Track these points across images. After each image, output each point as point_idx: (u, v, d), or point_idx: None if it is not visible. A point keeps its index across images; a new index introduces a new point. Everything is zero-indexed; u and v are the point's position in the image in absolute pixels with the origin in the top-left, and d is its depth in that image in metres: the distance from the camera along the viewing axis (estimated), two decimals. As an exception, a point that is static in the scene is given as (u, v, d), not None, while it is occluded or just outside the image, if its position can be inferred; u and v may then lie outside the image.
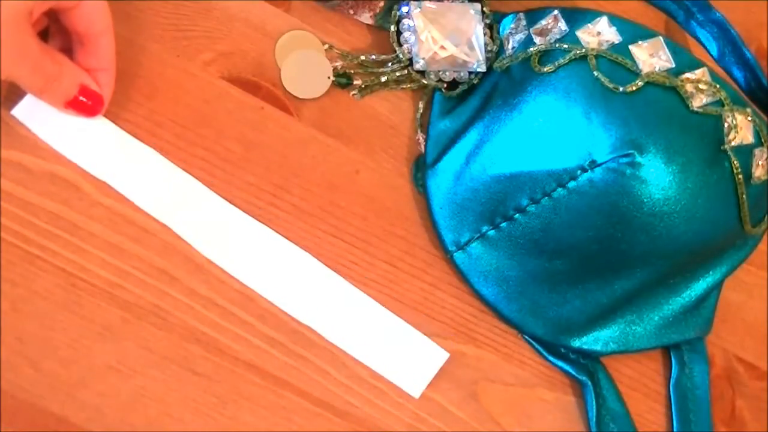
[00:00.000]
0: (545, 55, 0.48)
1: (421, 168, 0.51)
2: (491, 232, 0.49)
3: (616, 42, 0.47)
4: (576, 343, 0.50)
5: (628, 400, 0.51)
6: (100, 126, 0.45)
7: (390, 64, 0.51)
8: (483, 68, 0.52)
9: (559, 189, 0.46)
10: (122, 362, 0.42)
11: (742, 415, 0.54)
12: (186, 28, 0.49)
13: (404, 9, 0.51)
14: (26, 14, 0.39)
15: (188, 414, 0.43)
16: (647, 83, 0.45)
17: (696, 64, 0.47)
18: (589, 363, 0.50)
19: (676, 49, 0.47)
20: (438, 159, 0.50)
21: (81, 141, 0.44)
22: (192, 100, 0.48)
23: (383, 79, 0.51)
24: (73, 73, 0.42)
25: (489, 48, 0.52)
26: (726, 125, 0.46)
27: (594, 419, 0.49)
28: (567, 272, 0.48)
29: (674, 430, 0.52)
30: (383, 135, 0.51)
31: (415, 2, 0.51)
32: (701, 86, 0.46)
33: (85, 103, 0.43)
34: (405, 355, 0.47)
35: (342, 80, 0.50)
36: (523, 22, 0.51)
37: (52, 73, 0.41)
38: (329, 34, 0.51)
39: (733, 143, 0.46)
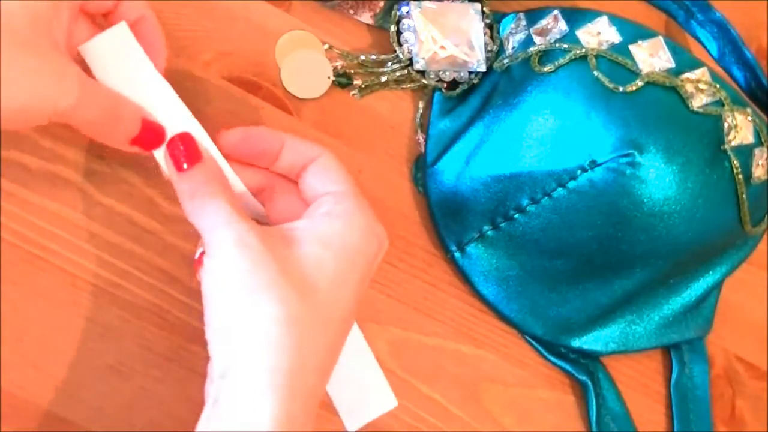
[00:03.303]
0: (545, 55, 0.48)
1: (421, 168, 0.51)
2: (491, 232, 0.49)
3: (616, 42, 0.47)
4: (576, 343, 0.50)
5: (628, 400, 0.51)
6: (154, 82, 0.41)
7: (390, 64, 0.51)
8: (483, 68, 0.52)
9: (559, 189, 0.46)
10: (122, 362, 0.42)
11: (742, 415, 0.54)
12: (186, 28, 0.48)
13: (404, 9, 0.51)
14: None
15: (188, 414, 0.43)
16: (647, 83, 0.45)
17: (696, 64, 0.47)
18: (589, 363, 0.50)
19: (676, 49, 0.47)
20: (438, 159, 0.50)
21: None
22: (192, 100, 0.47)
23: (383, 79, 0.51)
24: (131, 108, 0.39)
25: (489, 48, 0.52)
26: (726, 125, 0.46)
27: (594, 419, 0.49)
28: (567, 272, 0.48)
29: (674, 430, 0.52)
30: (383, 135, 0.51)
31: (415, 2, 0.51)
32: (701, 86, 0.46)
33: (149, 138, 0.40)
34: (358, 388, 0.45)
35: (342, 80, 0.50)
36: (523, 22, 0.51)
37: (113, 116, 0.38)
38: (329, 34, 0.51)
39: (733, 143, 0.46)
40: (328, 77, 0.50)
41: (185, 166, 0.39)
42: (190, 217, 0.38)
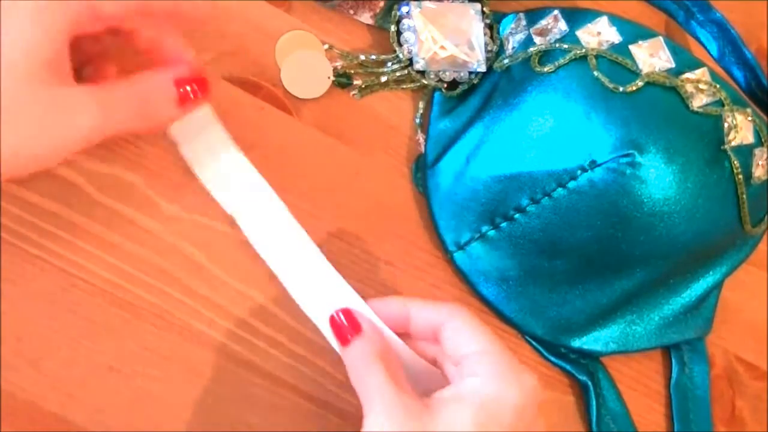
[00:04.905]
0: (545, 55, 0.48)
1: (421, 168, 0.51)
2: (491, 232, 0.49)
3: (616, 42, 0.47)
4: (576, 343, 0.50)
5: (628, 400, 0.51)
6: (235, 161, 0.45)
7: (390, 64, 0.51)
8: (483, 68, 0.52)
9: (559, 189, 0.46)
10: (122, 362, 0.42)
11: (742, 415, 0.54)
12: (186, 28, 0.48)
13: (404, 9, 0.51)
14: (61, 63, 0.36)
15: (188, 414, 0.43)
16: (647, 83, 0.45)
17: (696, 64, 0.47)
18: (589, 363, 0.50)
19: (676, 49, 0.47)
20: (438, 159, 0.50)
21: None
22: (192, 100, 0.47)
23: (383, 79, 0.51)
24: (159, 79, 0.40)
25: (489, 48, 0.52)
26: (726, 125, 0.46)
27: (594, 419, 0.49)
28: (567, 272, 0.48)
29: (674, 430, 0.52)
30: (383, 135, 0.51)
31: (415, 2, 0.51)
32: (701, 86, 0.46)
33: (192, 90, 0.41)
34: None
35: (342, 80, 0.50)
36: (523, 22, 0.51)
37: (144, 98, 0.39)
38: (329, 34, 0.51)
39: (733, 143, 0.46)
40: (328, 77, 0.50)
41: (349, 337, 0.41)
42: (353, 384, 0.40)
